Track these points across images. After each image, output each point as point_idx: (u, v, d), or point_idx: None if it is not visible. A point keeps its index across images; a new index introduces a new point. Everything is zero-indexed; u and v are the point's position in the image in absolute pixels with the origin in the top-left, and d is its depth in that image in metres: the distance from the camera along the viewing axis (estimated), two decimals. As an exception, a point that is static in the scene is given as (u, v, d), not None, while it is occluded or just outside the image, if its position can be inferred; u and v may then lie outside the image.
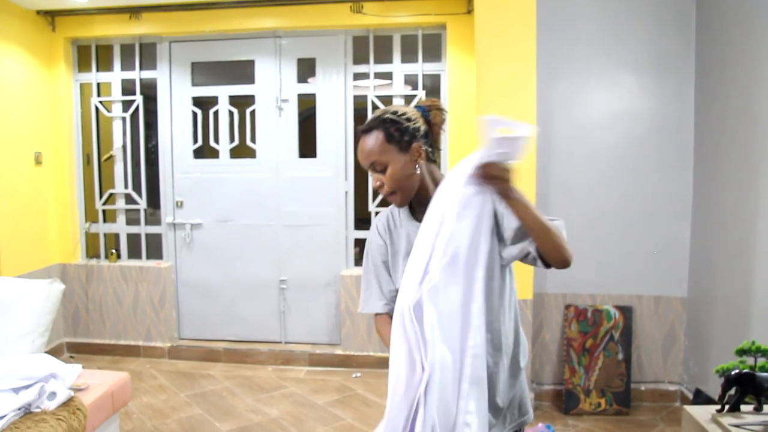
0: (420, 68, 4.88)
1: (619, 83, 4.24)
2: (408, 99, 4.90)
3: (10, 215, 4.72)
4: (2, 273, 4.49)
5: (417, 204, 1.86)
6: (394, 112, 1.80)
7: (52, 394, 2.83)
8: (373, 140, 1.78)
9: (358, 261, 5.10)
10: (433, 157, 1.84)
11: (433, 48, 4.91)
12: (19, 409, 2.69)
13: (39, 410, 2.74)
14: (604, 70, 4.24)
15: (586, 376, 4.15)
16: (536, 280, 4.16)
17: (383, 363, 4.82)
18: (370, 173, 1.84)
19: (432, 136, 1.84)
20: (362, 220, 5.12)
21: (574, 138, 4.25)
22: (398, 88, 4.93)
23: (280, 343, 5.20)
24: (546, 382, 4.36)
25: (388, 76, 5.01)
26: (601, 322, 4.17)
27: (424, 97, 4.84)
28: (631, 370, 4.15)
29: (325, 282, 5.08)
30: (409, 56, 4.92)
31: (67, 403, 2.84)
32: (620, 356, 4.14)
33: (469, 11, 4.52)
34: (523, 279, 3.91)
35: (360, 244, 5.08)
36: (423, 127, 1.80)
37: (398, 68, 4.93)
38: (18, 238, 4.81)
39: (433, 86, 4.94)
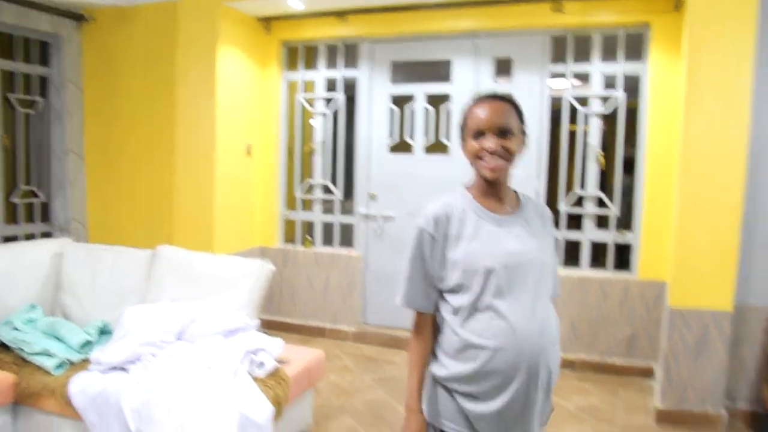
0: (621, 69, 4.72)
1: None
2: (606, 99, 4.78)
3: (224, 200, 5.20)
4: (215, 251, 4.97)
5: (491, 194, 1.85)
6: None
7: (261, 364, 3.08)
8: (508, 108, 1.80)
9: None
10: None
11: (634, 48, 4.73)
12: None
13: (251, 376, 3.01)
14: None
15: (794, 401, 3.81)
16: (739, 290, 3.89)
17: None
18: (485, 136, 1.77)
19: None
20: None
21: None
22: (596, 89, 4.80)
23: (460, 337, 5.23)
24: (740, 398, 4.06)
25: (585, 77, 4.91)
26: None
27: (622, 98, 4.70)
28: None
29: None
30: (608, 56, 4.79)
31: (274, 374, 3.09)
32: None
33: (677, 8, 4.33)
34: (723, 289, 3.73)
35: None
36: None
37: (597, 68, 4.80)
38: (229, 221, 5.30)
39: (632, 87, 4.76)
